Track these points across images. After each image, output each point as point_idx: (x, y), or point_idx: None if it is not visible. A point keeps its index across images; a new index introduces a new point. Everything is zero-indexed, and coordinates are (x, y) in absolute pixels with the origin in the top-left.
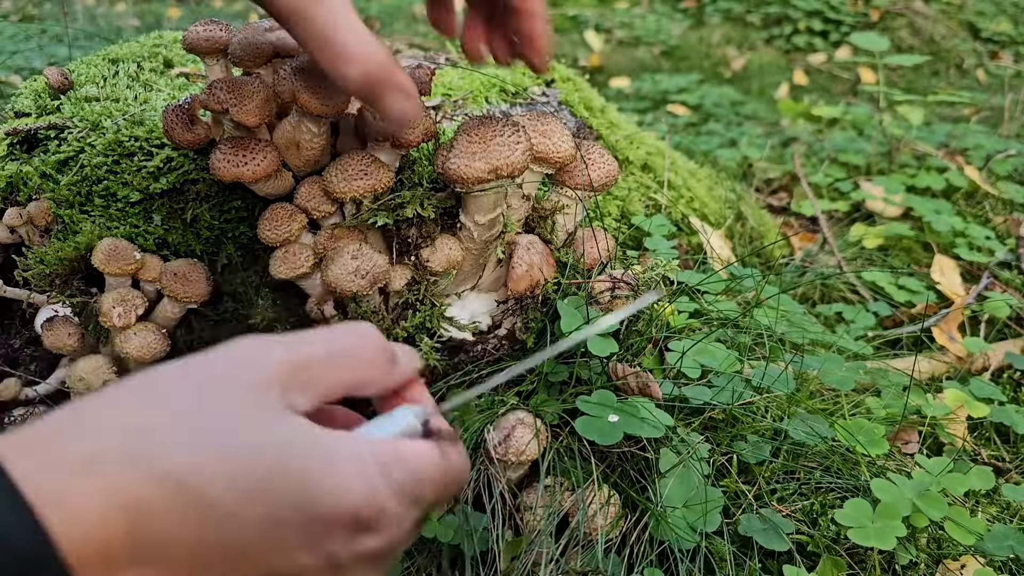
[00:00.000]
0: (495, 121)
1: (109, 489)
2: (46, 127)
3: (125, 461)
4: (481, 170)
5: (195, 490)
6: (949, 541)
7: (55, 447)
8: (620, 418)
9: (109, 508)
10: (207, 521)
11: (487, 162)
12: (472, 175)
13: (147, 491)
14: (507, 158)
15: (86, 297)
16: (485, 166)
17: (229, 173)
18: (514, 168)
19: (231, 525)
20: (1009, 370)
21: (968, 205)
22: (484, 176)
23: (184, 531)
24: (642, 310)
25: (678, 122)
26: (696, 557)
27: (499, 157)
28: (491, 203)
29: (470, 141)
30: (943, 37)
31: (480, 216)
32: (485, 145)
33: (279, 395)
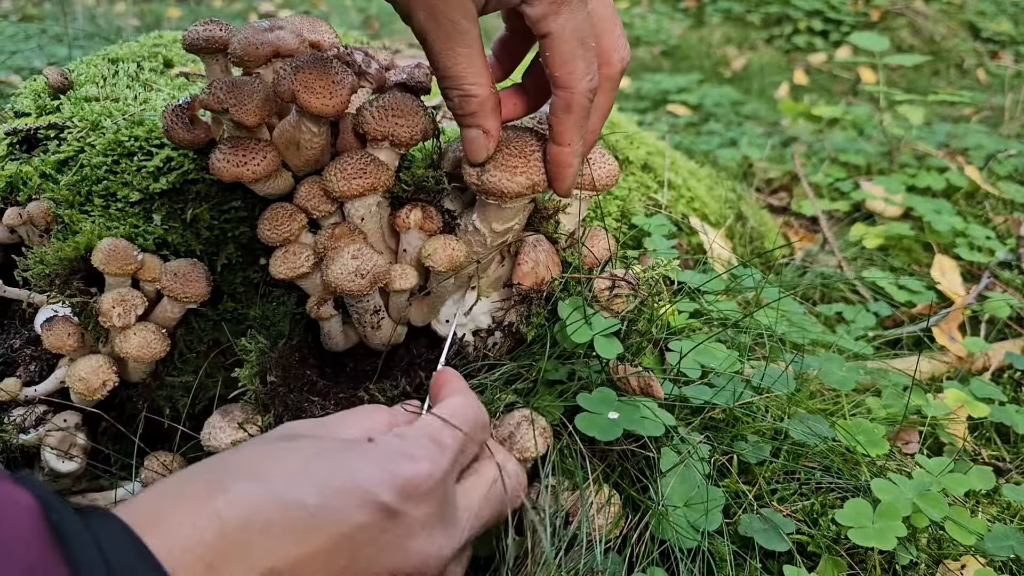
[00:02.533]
0: (528, 134)
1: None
2: (46, 127)
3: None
4: (522, 185)
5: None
6: (949, 541)
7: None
8: (620, 415)
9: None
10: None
11: (528, 177)
12: (513, 190)
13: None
14: (544, 174)
15: (86, 297)
16: (526, 181)
17: (229, 173)
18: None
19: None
20: (1009, 370)
21: (968, 205)
22: (523, 191)
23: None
24: (643, 310)
25: (678, 122)
26: (697, 557)
27: (538, 172)
28: (514, 214)
29: (510, 155)
30: (943, 37)
31: (499, 224)
32: (526, 160)
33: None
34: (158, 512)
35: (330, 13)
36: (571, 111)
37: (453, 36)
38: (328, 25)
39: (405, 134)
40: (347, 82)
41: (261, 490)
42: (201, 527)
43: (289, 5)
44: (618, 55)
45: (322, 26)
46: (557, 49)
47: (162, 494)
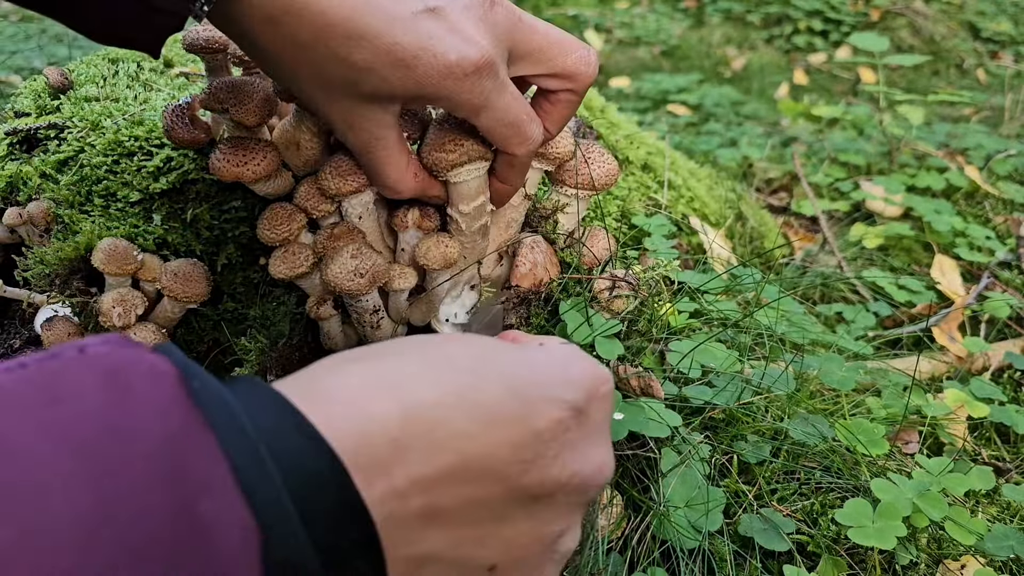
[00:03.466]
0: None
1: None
2: (46, 127)
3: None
4: (452, 152)
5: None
6: (949, 541)
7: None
8: (625, 416)
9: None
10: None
11: (456, 144)
12: (446, 159)
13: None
14: (475, 141)
15: (86, 297)
16: (454, 148)
17: (229, 173)
18: (484, 150)
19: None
20: (1009, 370)
21: (968, 205)
22: (457, 160)
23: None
24: (643, 310)
25: (678, 122)
26: (697, 557)
27: (467, 140)
28: (472, 190)
29: (440, 131)
30: (943, 37)
31: (464, 205)
32: (455, 132)
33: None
34: (316, 385)
35: None
36: (513, 166)
37: (370, 143)
38: None
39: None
40: None
41: (444, 372)
42: (377, 401)
43: None
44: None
45: None
46: (487, 133)
47: (317, 370)
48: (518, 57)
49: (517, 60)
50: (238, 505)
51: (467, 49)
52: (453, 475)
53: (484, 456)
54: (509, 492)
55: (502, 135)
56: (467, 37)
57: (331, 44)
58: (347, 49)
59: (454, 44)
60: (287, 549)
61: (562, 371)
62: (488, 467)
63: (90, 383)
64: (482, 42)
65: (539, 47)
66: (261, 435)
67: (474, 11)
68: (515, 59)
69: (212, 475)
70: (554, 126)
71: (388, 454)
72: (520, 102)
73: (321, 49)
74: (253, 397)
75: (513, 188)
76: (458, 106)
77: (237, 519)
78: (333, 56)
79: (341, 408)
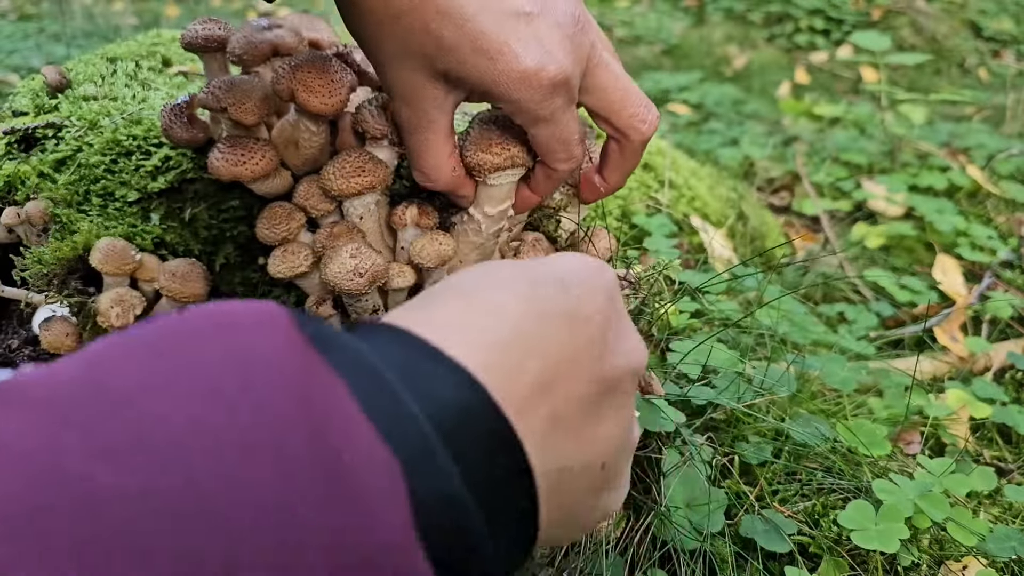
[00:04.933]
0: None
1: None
2: (44, 126)
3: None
4: (498, 156)
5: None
6: (951, 542)
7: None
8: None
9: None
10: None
11: (503, 148)
12: (491, 162)
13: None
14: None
15: (84, 297)
16: (501, 151)
17: (228, 172)
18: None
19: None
20: (1011, 370)
21: (970, 204)
22: (501, 163)
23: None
24: (644, 310)
25: (679, 121)
26: (699, 558)
27: (514, 145)
28: (503, 194)
29: (486, 131)
30: (945, 36)
31: (490, 207)
32: (502, 135)
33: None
34: (435, 316)
35: (329, 12)
36: (550, 179)
37: (422, 123)
38: (327, 23)
39: None
40: (346, 81)
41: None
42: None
43: (288, 3)
44: (638, 132)
45: (321, 24)
46: (537, 144)
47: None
48: (587, 88)
49: (585, 91)
50: (374, 442)
51: (547, 61)
52: (559, 378)
53: (575, 355)
54: (599, 385)
55: (552, 149)
56: (550, 50)
57: (424, 16)
58: (437, 24)
59: (537, 52)
60: (435, 486)
61: (584, 263)
62: (581, 364)
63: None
64: (563, 59)
65: (605, 86)
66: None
67: (564, 28)
68: (584, 90)
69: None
70: (609, 173)
71: (513, 367)
72: (577, 124)
73: (414, 19)
74: (377, 335)
75: (541, 199)
76: (522, 112)
77: (377, 459)
78: (423, 28)
79: (468, 338)
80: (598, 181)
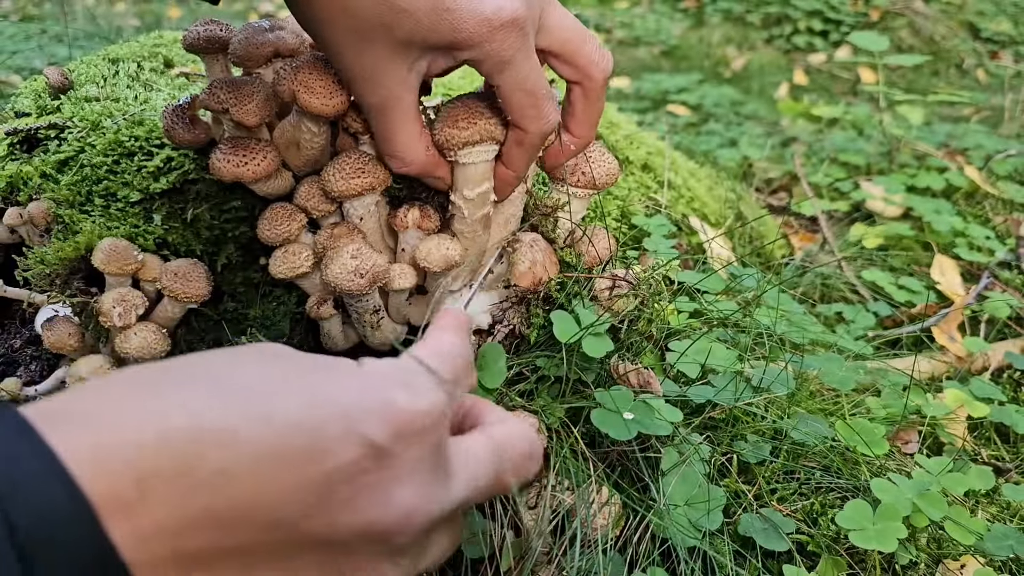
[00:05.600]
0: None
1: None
2: (46, 127)
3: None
4: (464, 130)
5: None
6: (949, 541)
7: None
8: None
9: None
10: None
11: (469, 122)
12: (458, 136)
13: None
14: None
15: (86, 297)
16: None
17: (229, 173)
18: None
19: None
20: (1009, 370)
21: (968, 205)
22: (468, 137)
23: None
24: (643, 309)
25: (678, 122)
26: (697, 556)
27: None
28: (479, 174)
29: (453, 108)
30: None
31: (468, 190)
32: (468, 110)
33: None
34: (73, 408)
35: None
36: (522, 146)
37: (388, 101)
38: None
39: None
40: None
41: (223, 399)
42: (133, 428)
43: None
44: (598, 68)
45: None
46: (506, 98)
47: (84, 390)
48: (542, 28)
49: (541, 31)
50: None
51: (503, 3)
52: (211, 518)
53: (252, 499)
54: (288, 538)
55: (519, 103)
56: (503, 4)
57: None
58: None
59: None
60: None
61: (370, 401)
62: (258, 512)
63: None
64: (516, 1)
65: (561, 26)
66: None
67: None
68: (539, 30)
69: None
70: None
71: (131, 493)
72: (541, 74)
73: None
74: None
75: (516, 176)
76: (485, 57)
77: None
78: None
79: (95, 438)
80: (566, 139)
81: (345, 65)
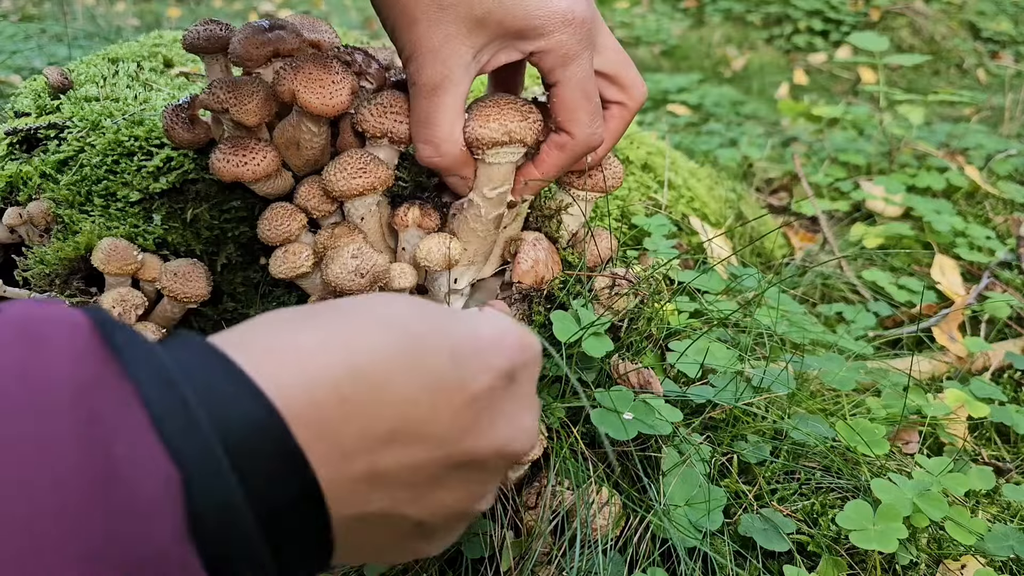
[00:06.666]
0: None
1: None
2: (46, 127)
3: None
4: (496, 131)
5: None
6: (949, 541)
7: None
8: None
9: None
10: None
11: (501, 123)
12: (487, 135)
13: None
14: (520, 123)
15: (86, 297)
16: (499, 127)
17: (229, 173)
18: (526, 134)
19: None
20: (1009, 370)
21: (968, 205)
22: (499, 138)
23: (399, 379)
24: (643, 308)
25: (678, 122)
26: (698, 557)
27: (513, 120)
28: (502, 175)
29: (484, 107)
30: (943, 37)
31: (488, 189)
32: (499, 109)
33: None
34: (258, 339)
35: (330, 13)
36: (563, 151)
37: (443, 82)
38: (328, 25)
39: (404, 131)
40: (347, 82)
41: (391, 333)
42: (326, 359)
43: (289, 5)
44: (639, 91)
45: (322, 26)
46: (562, 97)
47: (259, 324)
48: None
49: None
50: (156, 452)
51: (576, 4)
52: (397, 438)
53: (426, 421)
54: (447, 457)
55: (575, 104)
56: (576, 2)
57: None
58: None
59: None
60: (213, 497)
61: (496, 337)
62: (430, 432)
63: (3, 338)
64: (587, 8)
65: (612, 48)
66: (191, 385)
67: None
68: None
69: (126, 422)
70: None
71: (335, 414)
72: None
73: None
74: (185, 350)
75: (545, 180)
76: (553, 48)
77: (156, 466)
78: None
79: (287, 363)
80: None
81: (414, 36)
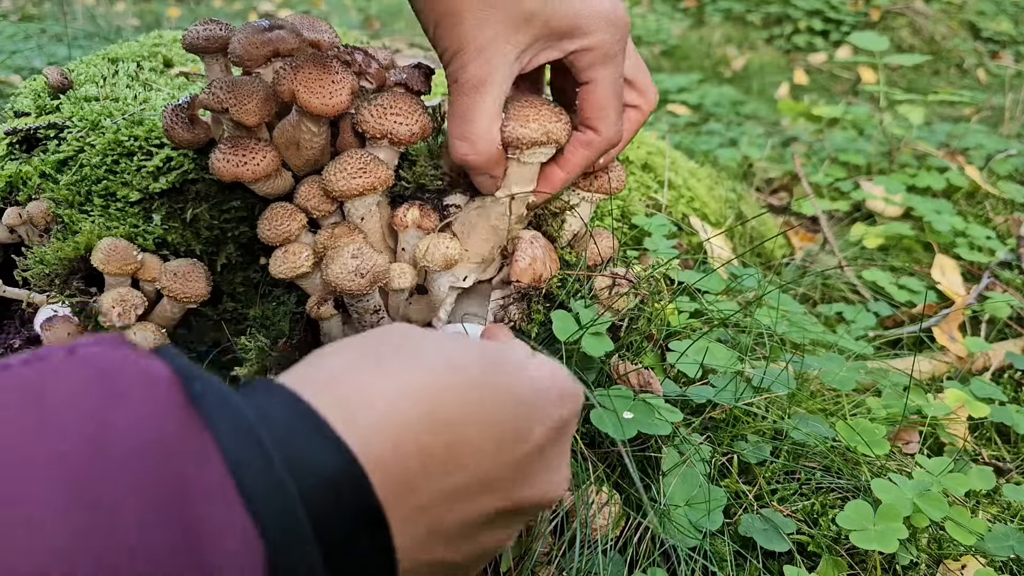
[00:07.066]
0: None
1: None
2: (46, 127)
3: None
4: (536, 131)
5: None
6: (950, 541)
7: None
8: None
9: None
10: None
11: (540, 124)
12: (527, 136)
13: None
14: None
15: (86, 297)
16: (539, 128)
17: (229, 173)
18: (562, 134)
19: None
20: (1010, 370)
21: (969, 205)
22: (539, 139)
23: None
24: (643, 309)
25: (678, 122)
26: (698, 557)
27: (551, 120)
28: (532, 174)
29: (522, 107)
30: (943, 37)
31: (518, 187)
32: (537, 110)
33: None
34: (337, 385)
35: (330, 13)
36: (588, 148)
37: (485, 80)
38: (328, 24)
39: (404, 132)
40: (347, 82)
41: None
42: (405, 409)
43: (289, 5)
44: (654, 96)
45: (322, 25)
46: (594, 96)
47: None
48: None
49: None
50: (237, 509)
51: (618, 5)
52: (469, 491)
53: (491, 471)
54: (504, 506)
55: (606, 102)
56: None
57: None
58: None
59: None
60: (292, 554)
61: (553, 387)
62: (494, 483)
63: (78, 387)
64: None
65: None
66: (272, 437)
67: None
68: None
69: (207, 479)
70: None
71: (415, 466)
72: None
73: None
74: (267, 399)
75: (567, 179)
76: (595, 47)
77: (235, 524)
78: None
79: (371, 413)
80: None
81: (459, 34)
